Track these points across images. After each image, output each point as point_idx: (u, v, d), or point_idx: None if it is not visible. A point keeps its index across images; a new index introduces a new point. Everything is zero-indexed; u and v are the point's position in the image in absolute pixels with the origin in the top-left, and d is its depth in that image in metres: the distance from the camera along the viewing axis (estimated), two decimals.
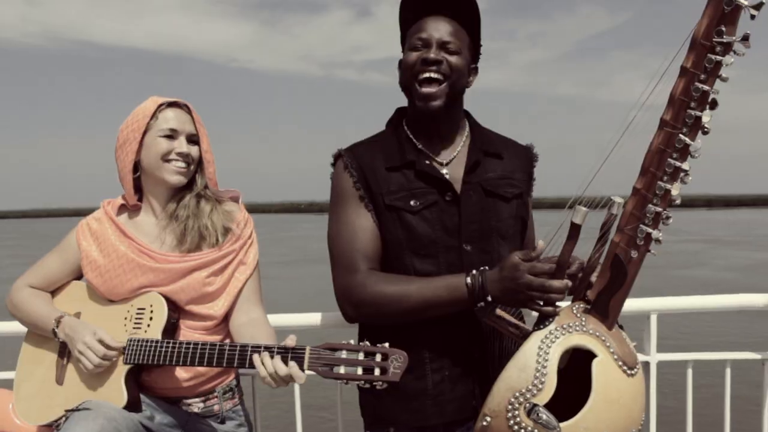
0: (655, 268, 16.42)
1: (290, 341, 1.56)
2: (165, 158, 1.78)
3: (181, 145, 1.79)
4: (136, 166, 1.82)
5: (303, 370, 1.53)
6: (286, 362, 1.53)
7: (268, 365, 1.53)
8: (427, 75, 1.60)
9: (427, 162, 1.65)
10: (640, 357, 1.99)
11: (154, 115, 1.80)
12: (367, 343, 1.51)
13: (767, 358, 2.04)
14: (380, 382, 1.48)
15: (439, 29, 1.62)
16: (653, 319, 2.03)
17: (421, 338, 1.61)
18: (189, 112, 1.84)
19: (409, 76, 1.63)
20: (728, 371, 2.04)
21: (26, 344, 1.91)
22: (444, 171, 1.66)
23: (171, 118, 1.80)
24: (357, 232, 1.63)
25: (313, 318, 2.04)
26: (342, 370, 1.50)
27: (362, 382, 1.49)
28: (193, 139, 1.83)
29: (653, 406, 2.05)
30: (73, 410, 1.59)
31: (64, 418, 1.60)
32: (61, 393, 1.78)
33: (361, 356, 1.49)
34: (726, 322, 8.96)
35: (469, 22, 1.65)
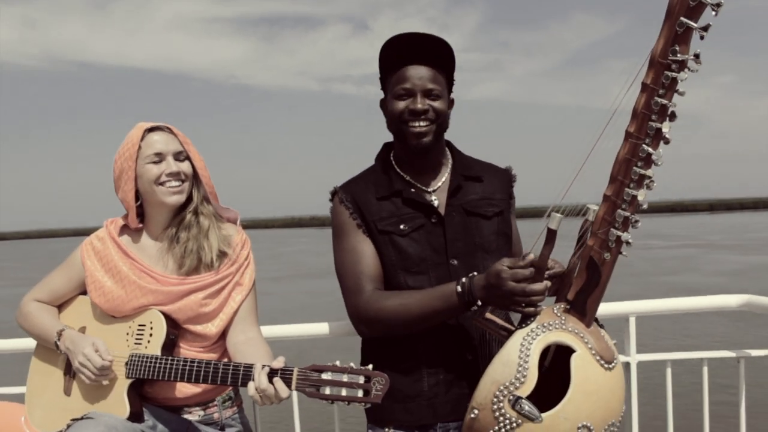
0: (643, 275, 16.60)
1: (278, 363, 1.66)
2: (158, 182, 1.84)
3: (169, 165, 1.85)
4: (137, 194, 1.89)
5: (290, 390, 1.63)
6: (271, 381, 1.63)
7: (260, 382, 1.63)
8: (417, 127, 1.74)
9: (413, 190, 1.80)
10: (622, 358, 2.11)
11: (140, 143, 1.85)
12: (352, 365, 1.61)
13: (742, 355, 2.15)
14: (363, 403, 1.58)
15: (422, 77, 1.74)
16: (632, 321, 2.15)
17: (418, 345, 1.74)
18: (172, 132, 1.90)
19: (398, 123, 1.76)
20: (705, 369, 2.16)
21: (35, 358, 2.00)
22: (432, 198, 1.81)
23: (154, 142, 1.85)
24: (359, 257, 1.77)
25: (322, 327, 2.15)
26: (327, 390, 1.60)
27: (346, 402, 1.59)
28: (180, 157, 1.88)
29: (634, 404, 2.16)
30: (76, 419, 1.68)
31: (66, 427, 1.68)
32: (69, 404, 1.87)
33: (345, 378, 1.59)
34: (706, 325, 9.14)
35: (445, 65, 1.78)
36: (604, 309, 2.07)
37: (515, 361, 1.49)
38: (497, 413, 1.48)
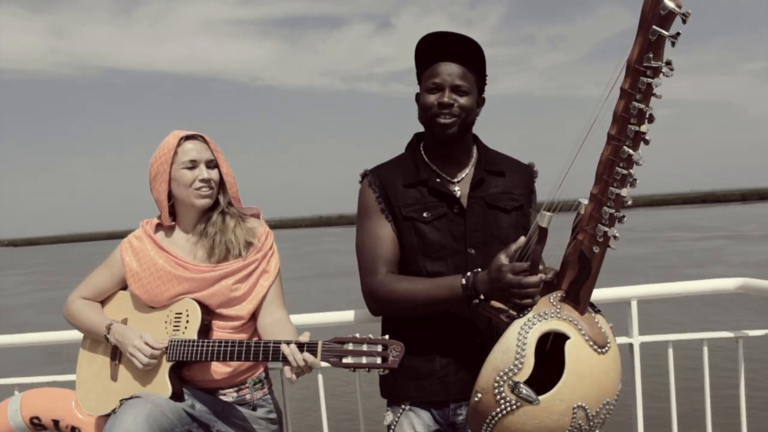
0: (668, 268, 16.49)
1: (304, 338, 1.83)
2: (191, 186, 2.04)
3: (201, 172, 2.04)
4: (170, 194, 2.09)
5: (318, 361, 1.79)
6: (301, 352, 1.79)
7: (290, 356, 1.79)
8: (442, 120, 1.87)
9: (438, 180, 1.93)
10: (625, 339, 2.23)
11: (176, 149, 2.05)
12: (370, 335, 1.78)
13: (740, 335, 2.25)
14: (381, 369, 1.74)
15: (451, 74, 1.86)
16: (634, 304, 2.27)
17: (432, 328, 1.89)
18: (205, 141, 2.09)
19: (428, 114, 1.90)
20: (705, 349, 2.27)
21: (83, 349, 2.20)
22: (456, 188, 1.93)
23: (189, 150, 2.05)
24: (378, 240, 1.91)
25: (348, 315, 2.32)
26: (349, 359, 1.76)
27: (367, 369, 1.75)
28: (211, 165, 2.08)
29: (638, 383, 2.27)
30: (126, 399, 1.86)
31: (119, 405, 1.86)
32: (116, 388, 2.06)
33: (364, 347, 1.76)
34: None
35: (475, 64, 1.90)
36: (607, 294, 2.23)
37: (513, 349, 1.62)
38: (498, 396, 1.61)
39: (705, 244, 23.66)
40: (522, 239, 1.70)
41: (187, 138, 2.07)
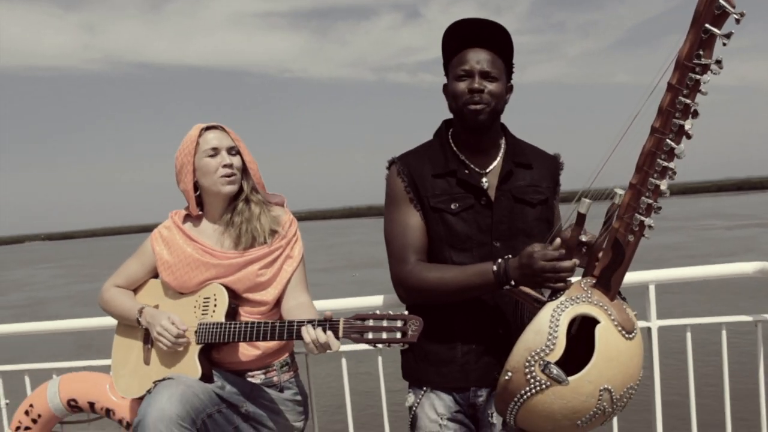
0: (698, 257, 16.27)
1: (327, 314, 1.89)
2: (215, 173, 2.12)
3: (223, 158, 2.12)
4: (196, 185, 2.19)
5: (338, 338, 1.86)
6: (324, 332, 1.86)
7: (311, 334, 1.86)
8: (473, 106, 1.87)
9: (467, 171, 1.94)
10: (643, 323, 2.28)
11: (198, 140, 2.14)
12: (390, 311, 1.85)
13: (759, 319, 2.25)
14: (401, 344, 1.81)
15: (480, 60, 1.87)
16: (652, 289, 2.29)
17: (455, 317, 1.92)
18: (224, 130, 2.17)
19: (459, 104, 1.90)
20: (724, 333, 2.29)
21: (117, 336, 2.31)
22: (484, 180, 1.95)
23: (210, 139, 2.14)
24: (407, 229, 1.93)
25: (377, 300, 2.38)
26: (370, 335, 1.83)
27: (387, 344, 1.82)
28: (232, 152, 2.16)
29: (656, 366, 2.30)
30: (159, 381, 1.95)
31: (153, 386, 1.95)
32: (148, 371, 2.15)
33: (385, 323, 1.83)
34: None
35: (503, 50, 1.91)
36: (626, 279, 2.23)
37: (546, 330, 1.67)
38: (528, 376, 1.66)
39: (738, 233, 23.27)
40: (558, 242, 1.72)
41: (207, 128, 2.16)
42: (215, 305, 2.09)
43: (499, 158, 1.98)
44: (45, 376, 2.61)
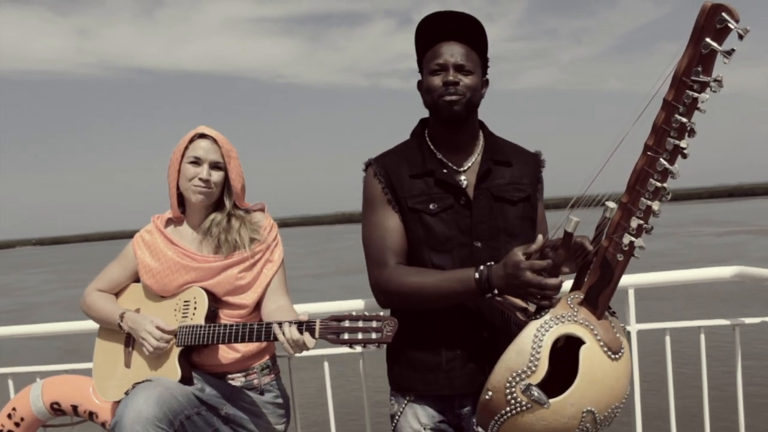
0: (690, 263, 16.33)
1: (303, 317, 1.89)
2: (190, 181, 2.12)
3: (202, 171, 2.11)
4: (179, 186, 2.18)
5: (314, 338, 1.85)
6: (301, 333, 1.85)
7: (286, 333, 1.85)
8: (448, 97, 1.84)
9: (445, 171, 1.90)
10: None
11: (188, 144, 2.14)
12: (366, 312, 1.83)
13: (736, 323, 2.25)
14: (376, 344, 1.80)
15: (454, 54, 1.84)
16: (631, 293, 2.28)
17: (438, 322, 1.87)
18: (217, 143, 2.15)
19: (435, 97, 1.86)
20: (702, 336, 2.29)
21: (99, 339, 2.30)
22: (462, 178, 1.90)
23: (199, 148, 2.13)
24: (386, 231, 1.89)
25: (358, 303, 2.35)
26: (346, 336, 1.81)
27: (363, 344, 1.81)
28: (217, 166, 2.14)
29: (636, 371, 2.27)
30: (138, 383, 1.93)
31: (132, 388, 1.92)
32: (129, 374, 2.15)
33: (360, 324, 1.81)
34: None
35: (477, 43, 1.88)
36: None
37: (528, 351, 1.62)
38: (509, 397, 1.61)
39: (727, 239, 23.37)
40: (540, 239, 1.66)
41: (201, 136, 2.16)
42: (195, 308, 2.10)
43: (477, 155, 1.94)
44: (29, 379, 2.58)
